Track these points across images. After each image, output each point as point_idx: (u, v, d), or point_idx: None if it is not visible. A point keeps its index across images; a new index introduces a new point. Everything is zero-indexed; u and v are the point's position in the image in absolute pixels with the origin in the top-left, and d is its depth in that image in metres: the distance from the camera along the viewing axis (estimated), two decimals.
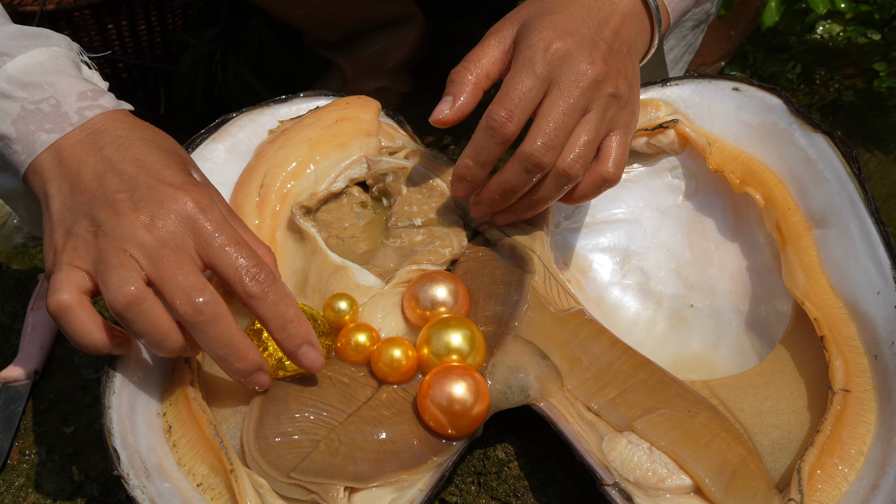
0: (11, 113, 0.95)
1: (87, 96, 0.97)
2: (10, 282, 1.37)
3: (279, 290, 0.91)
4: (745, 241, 1.17)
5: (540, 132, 0.99)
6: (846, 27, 1.86)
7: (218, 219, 0.91)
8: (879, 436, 0.93)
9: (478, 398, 0.95)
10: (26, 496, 1.07)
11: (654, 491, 0.91)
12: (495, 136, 0.99)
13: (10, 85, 0.95)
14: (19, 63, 0.96)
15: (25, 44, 0.97)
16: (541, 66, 0.99)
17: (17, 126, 0.94)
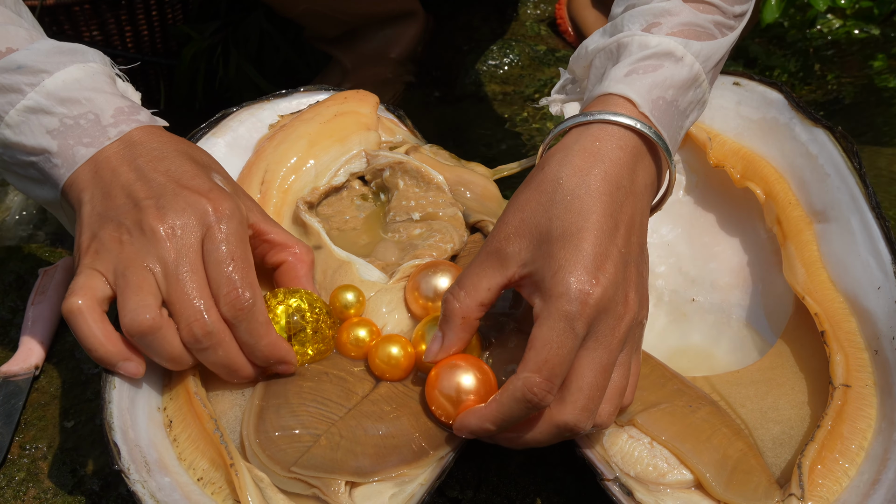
0: (51, 127, 0.97)
1: (123, 112, 0.99)
2: (10, 276, 1.36)
3: (252, 320, 0.93)
4: (746, 235, 1.17)
5: (581, 396, 0.86)
6: (846, 22, 1.86)
7: (229, 231, 0.94)
8: (880, 431, 0.93)
9: (487, 390, 0.95)
10: (27, 491, 1.07)
11: (655, 486, 0.91)
12: (530, 408, 0.86)
13: (48, 100, 0.97)
14: (57, 80, 0.97)
15: (63, 60, 0.99)
16: (581, 323, 0.84)
17: (58, 140, 0.97)
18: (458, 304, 0.93)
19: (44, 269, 1.33)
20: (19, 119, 0.97)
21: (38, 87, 0.97)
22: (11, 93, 0.97)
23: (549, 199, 0.89)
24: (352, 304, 1.04)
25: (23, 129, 0.98)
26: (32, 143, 0.98)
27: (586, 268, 0.85)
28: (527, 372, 0.84)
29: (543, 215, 0.89)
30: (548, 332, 0.84)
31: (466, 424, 0.91)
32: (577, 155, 0.90)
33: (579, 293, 0.84)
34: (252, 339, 0.94)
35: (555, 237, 0.87)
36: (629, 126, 0.91)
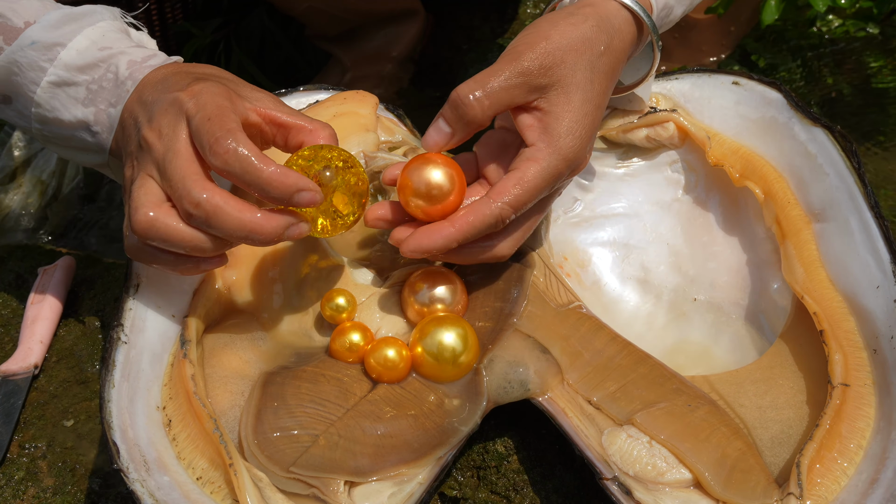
0: (80, 97, 1.02)
1: (135, 63, 1.01)
2: (9, 276, 1.37)
3: (242, 160, 0.90)
4: (745, 235, 1.17)
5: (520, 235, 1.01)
6: (845, 21, 1.86)
7: (203, 100, 0.93)
8: (879, 430, 0.93)
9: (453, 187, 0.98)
10: (26, 490, 1.07)
11: (654, 485, 0.92)
12: (491, 232, 0.98)
13: (69, 72, 1.01)
14: (72, 50, 1.01)
15: (73, 28, 1.02)
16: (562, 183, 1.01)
17: (91, 108, 1.02)
18: (478, 110, 0.96)
19: (43, 267, 1.33)
20: (48, 96, 1.02)
21: (56, 61, 1.01)
22: (33, 71, 1.01)
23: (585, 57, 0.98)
24: (343, 309, 1.04)
25: (54, 104, 1.02)
26: (68, 117, 1.03)
27: (587, 139, 0.98)
28: (505, 204, 0.94)
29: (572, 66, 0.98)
30: (538, 180, 0.95)
31: (433, 243, 0.95)
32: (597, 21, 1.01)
33: (575, 160, 0.98)
34: (253, 178, 0.90)
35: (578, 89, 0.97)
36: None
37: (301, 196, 0.91)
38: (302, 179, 0.91)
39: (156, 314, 1.01)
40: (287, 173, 0.90)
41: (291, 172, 0.91)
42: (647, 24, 1.04)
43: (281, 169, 0.90)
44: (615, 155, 1.23)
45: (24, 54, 1.01)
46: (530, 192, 0.96)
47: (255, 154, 0.90)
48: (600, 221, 1.22)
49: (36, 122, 1.05)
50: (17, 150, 1.67)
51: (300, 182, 0.90)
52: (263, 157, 0.90)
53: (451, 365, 0.99)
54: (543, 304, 1.06)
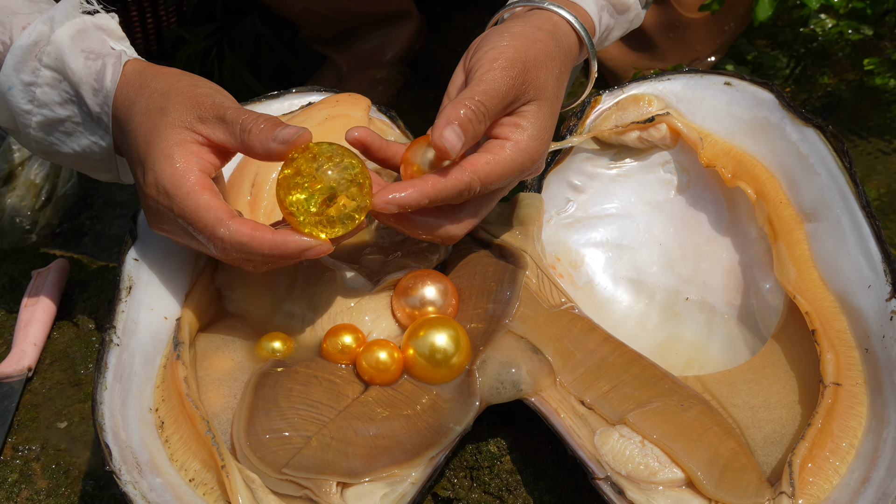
0: (70, 132, 1.07)
1: (97, 91, 1.03)
2: (3, 279, 1.37)
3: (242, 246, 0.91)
4: (737, 235, 1.17)
5: (477, 218, 1.03)
6: (839, 22, 1.86)
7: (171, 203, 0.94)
8: (870, 429, 0.93)
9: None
10: (20, 492, 1.07)
11: (646, 484, 0.92)
12: (458, 200, 1.00)
13: (52, 111, 1.05)
14: (44, 87, 1.04)
15: (34, 61, 1.03)
16: (522, 175, 1.03)
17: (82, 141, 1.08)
18: (483, 123, 0.99)
19: (37, 270, 1.33)
20: (42, 135, 1.07)
21: (35, 100, 1.04)
22: (21, 115, 1.06)
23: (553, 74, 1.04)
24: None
25: (51, 140, 1.07)
26: (67, 150, 1.08)
27: (547, 145, 1.04)
28: (478, 177, 0.97)
29: (545, 82, 1.03)
30: (507, 164, 0.99)
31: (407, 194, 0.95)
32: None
33: (538, 162, 1.03)
34: (259, 255, 0.92)
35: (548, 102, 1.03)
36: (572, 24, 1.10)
37: (309, 254, 0.93)
38: (302, 242, 0.92)
39: (148, 316, 1.01)
40: (286, 241, 0.92)
41: (289, 239, 0.92)
42: (589, 49, 1.12)
43: (279, 237, 0.91)
44: (608, 156, 1.24)
45: (8, 100, 1.04)
46: (498, 174, 0.99)
47: (247, 237, 0.91)
48: (593, 222, 1.22)
49: (41, 153, 1.09)
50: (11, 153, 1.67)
51: (301, 245, 0.92)
52: (256, 234, 0.92)
53: (443, 366, 0.99)
54: (536, 305, 1.06)
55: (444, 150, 0.95)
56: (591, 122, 1.22)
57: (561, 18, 1.08)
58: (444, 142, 0.94)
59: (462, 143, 0.95)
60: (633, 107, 1.21)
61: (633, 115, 1.20)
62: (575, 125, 1.21)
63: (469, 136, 0.96)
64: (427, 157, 0.99)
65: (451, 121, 0.95)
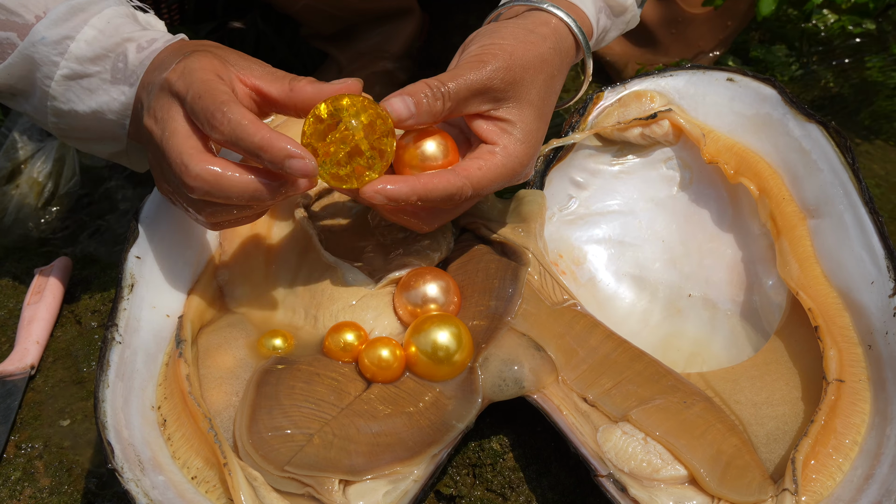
0: (93, 88, 1.04)
1: (142, 47, 1.03)
2: (6, 277, 1.37)
3: (236, 127, 0.90)
4: (740, 231, 1.17)
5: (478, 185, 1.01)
6: (841, 17, 1.85)
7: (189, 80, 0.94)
8: (874, 425, 0.93)
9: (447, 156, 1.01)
10: (23, 490, 1.07)
11: (649, 481, 0.91)
12: (448, 203, 1.00)
13: (80, 65, 1.03)
14: (80, 42, 1.03)
15: (80, 19, 1.03)
16: (511, 181, 1.04)
17: (103, 97, 1.04)
18: (439, 108, 0.99)
19: (39, 269, 1.33)
20: (62, 89, 1.04)
21: (66, 54, 1.03)
22: (46, 65, 1.03)
23: (541, 77, 1.04)
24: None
25: (69, 96, 1.05)
26: (83, 108, 1.05)
27: (536, 149, 1.05)
28: (469, 182, 0.98)
29: (530, 84, 1.03)
30: (498, 170, 1.00)
31: (398, 188, 0.96)
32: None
33: (527, 167, 1.04)
34: (247, 143, 0.90)
35: (532, 106, 1.03)
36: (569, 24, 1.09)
37: (292, 163, 0.89)
38: (294, 146, 0.89)
39: (150, 314, 1.01)
40: (277, 138, 0.89)
41: (283, 137, 0.89)
42: (585, 52, 1.11)
43: (272, 134, 0.89)
44: (610, 152, 1.23)
45: (36, 50, 1.03)
46: (490, 179, 1.00)
47: (248, 119, 0.90)
48: (595, 219, 1.22)
49: (52, 115, 1.07)
50: (14, 151, 1.67)
51: (291, 149, 0.89)
52: (257, 123, 0.90)
53: (446, 364, 0.99)
54: (538, 303, 1.06)
55: (397, 111, 0.96)
56: (594, 118, 1.22)
57: (559, 20, 1.08)
58: (389, 106, 0.96)
59: (410, 114, 0.96)
60: (636, 103, 1.20)
61: (636, 111, 1.20)
62: (577, 122, 1.21)
63: (422, 110, 0.97)
64: (421, 151, 1.01)
65: (404, 93, 0.97)
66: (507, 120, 1.02)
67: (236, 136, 0.90)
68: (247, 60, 1.00)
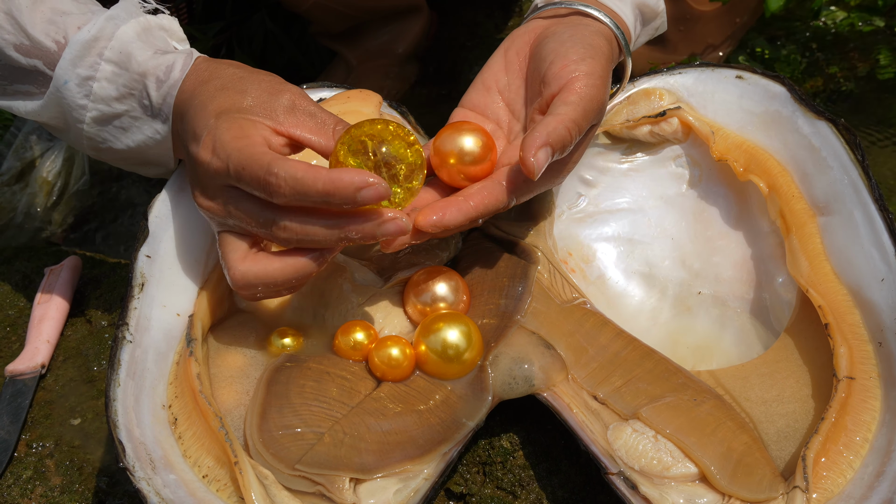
0: (126, 127, 1.06)
1: (161, 80, 1.02)
2: (16, 276, 1.37)
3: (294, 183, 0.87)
4: (750, 229, 1.17)
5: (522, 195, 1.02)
6: (850, 14, 1.85)
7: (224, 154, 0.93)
8: (884, 423, 0.93)
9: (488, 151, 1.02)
10: (34, 489, 1.08)
11: (660, 479, 0.92)
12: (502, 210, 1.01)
13: (108, 105, 1.04)
14: (102, 82, 1.03)
15: (95, 54, 1.02)
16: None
17: (138, 136, 1.06)
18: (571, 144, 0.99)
19: (49, 267, 1.33)
20: (95, 130, 1.05)
21: (92, 95, 1.03)
22: (75, 109, 1.03)
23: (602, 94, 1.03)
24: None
25: (104, 136, 1.06)
26: (120, 146, 1.07)
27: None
28: (515, 196, 1.00)
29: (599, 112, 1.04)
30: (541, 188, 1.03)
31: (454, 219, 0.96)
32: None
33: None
34: (313, 194, 0.87)
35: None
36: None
37: (364, 194, 0.86)
38: (359, 174, 0.86)
39: (161, 313, 1.02)
40: (340, 175, 0.86)
41: (344, 172, 0.86)
42: (627, 56, 1.12)
43: (331, 174, 0.86)
44: (619, 150, 1.23)
45: (63, 94, 1.03)
46: (530, 193, 1.02)
47: (301, 171, 0.87)
48: (604, 217, 1.22)
49: (91, 150, 1.08)
50: (24, 150, 1.68)
51: (356, 179, 0.86)
52: (311, 170, 0.87)
53: (456, 362, 0.99)
54: (548, 301, 1.06)
55: (530, 172, 0.93)
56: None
57: (609, 29, 1.09)
58: (536, 164, 0.93)
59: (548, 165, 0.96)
60: (645, 101, 1.20)
61: (645, 109, 1.20)
62: None
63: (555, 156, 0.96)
64: (461, 146, 1.01)
65: (548, 142, 0.94)
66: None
67: (298, 192, 0.87)
68: (293, 114, 0.97)
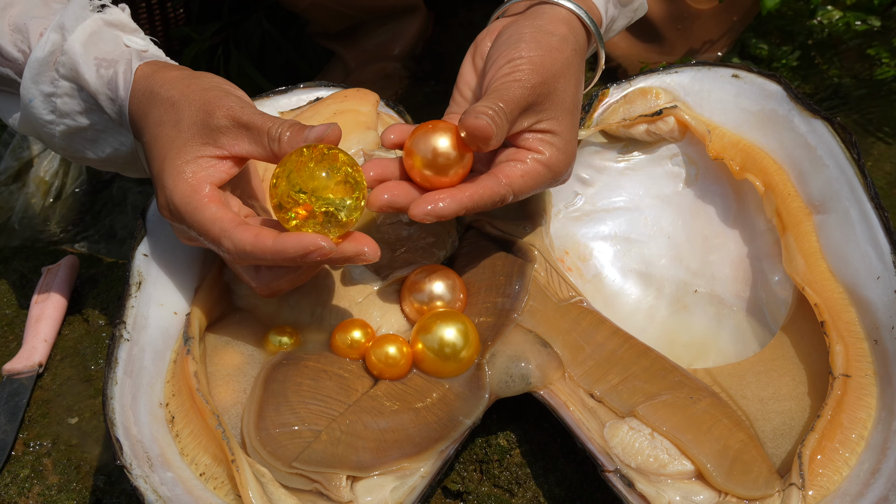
0: (94, 139, 1.09)
1: (111, 99, 1.03)
2: (13, 276, 1.37)
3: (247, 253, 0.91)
4: (746, 227, 1.17)
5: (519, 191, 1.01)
6: (846, 13, 1.85)
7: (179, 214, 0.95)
8: (880, 420, 0.93)
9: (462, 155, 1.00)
10: (31, 487, 1.08)
11: (656, 476, 0.92)
12: (497, 204, 1.00)
13: (74, 119, 1.06)
14: (64, 98, 1.05)
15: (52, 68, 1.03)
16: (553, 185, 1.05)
17: (106, 149, 1.10)
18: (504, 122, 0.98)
19: (47, 267, 1.33)
20: (66, 143, 1.09)
21: (56, 111, 1.05)
22: (45, 126, 1.07)
23: (571, 82, 1.04)
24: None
25: (76, 147, 1.09)
26: (93, 155, 1.10)
27: (573, 155, 1.05)
28: (512, 189, 0.99)
29: (563, 91, 1.03)
30: (543, 178, 1.02)
31: (448, 208, 0.96)
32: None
33: (564, 174, 1.04)
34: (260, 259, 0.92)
35: (568, 113, 1.04)
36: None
37: (311, 257, 0.90)
38: (303, 242, 0.89)
39: (158, 312, 1.02)
40: (284, 245, 0.89)
41: (288, 240, 0.89)
42: (599, 42, 1.11)
43: (279, 241, 0.90)
44: (616, 149, 1.24)
45: (30, 111, 1.05)
46: (530, 187, 1.01)
47: (249, 244, 0.91)
48: (601, 215, 1.22)
49: (69, 158, 1.12)
50: (21, 150, 1.68)
51: (301, 245, 0.89)
52: (258, 240, 0.90)
53: (452, 360, 0.99)
54: (545, 299, 1.07)
55: (482, 129, 0.94)
56: (599, 115, 1.22)
57: (570, 13, 1.07)
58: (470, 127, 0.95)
59: (494, 136, 0.96)
60: (641, 100, 1.20)
61: (641, 108, 1.20)
62: (583, 119, 1.21)
63: (500, 131, 0.97)
64: (429, 146, 0.99)
65: (482, 111, 0.95)
66: (550, 131, 1.02)
67: (248, 259, 0.92)
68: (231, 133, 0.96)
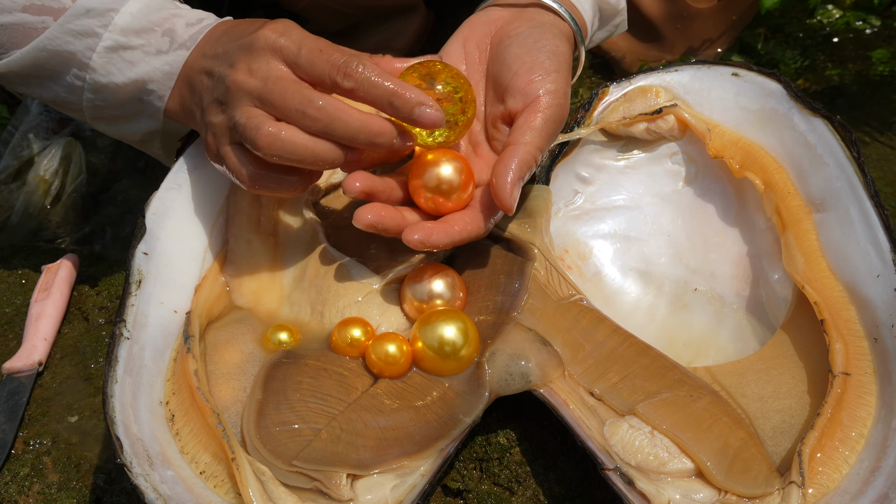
0: (135, 60, 1.06)
1: (192, 24, 1.06)
2: (13, 274, 1.37)
3: (370, 75, 0.94)
4: (746, 226, 1.17)
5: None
6: (845, 13, 1.85)
7: (297, 37, 0.96)
8: (880, 418, 0.93)
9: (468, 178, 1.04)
10: (31, 486, 1.08)
11: (656, 475, 0.92)
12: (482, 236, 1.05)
13: (125, 36, 1.05)
14: (126, 14, 1.04)
15: None
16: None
17: (145, 69, 1.06)
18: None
19: (47, 265, 1.34)
20: (103, 61, 1.06)
21: (111, 26, 1.04)
22: (88, 37, 1.04)
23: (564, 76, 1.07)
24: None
25: (110, 69, 1.06)
26: (123, 79, 1.07)
27: None
28: (494, 221, 1.04)
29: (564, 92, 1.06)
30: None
31: (437, 238, 1.00)
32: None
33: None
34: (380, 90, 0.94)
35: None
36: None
37: (422, 112, 0.94)
38: (423, 95, 0.94)
39: (158, 310, 1.02)
40: (409, 87, 0.94)
41: (414, 88, 0.94)
42: (583, 53, 1.17)
43: (403, 83, 0.94)
44: (615, 148, 1.24)
45: (80, 23, 1.04)
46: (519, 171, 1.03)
47: (378, 71, 0.94)
48: (601, 214, 1.22)
49: (89, 90, 1.08)
50: (21, 149, 1.68)
51: (422, 97, 0.94)
52: (386, 73, 0.94)
53: (452, 358, 0.99)
54: (544, 298, 1.07)
55: (508, 209, 0.99)
56: (599, 113, 1.22)
57: (568, 26, 1.12)
58: (512, 201, 0.99)
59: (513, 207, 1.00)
60: (641, 98, 1.20)
61: (641, 106, 1.20)
62: (582, 117, 1.21)
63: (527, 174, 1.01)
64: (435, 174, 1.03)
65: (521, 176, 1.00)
66: None
67: (370, 82, 0.94)
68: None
